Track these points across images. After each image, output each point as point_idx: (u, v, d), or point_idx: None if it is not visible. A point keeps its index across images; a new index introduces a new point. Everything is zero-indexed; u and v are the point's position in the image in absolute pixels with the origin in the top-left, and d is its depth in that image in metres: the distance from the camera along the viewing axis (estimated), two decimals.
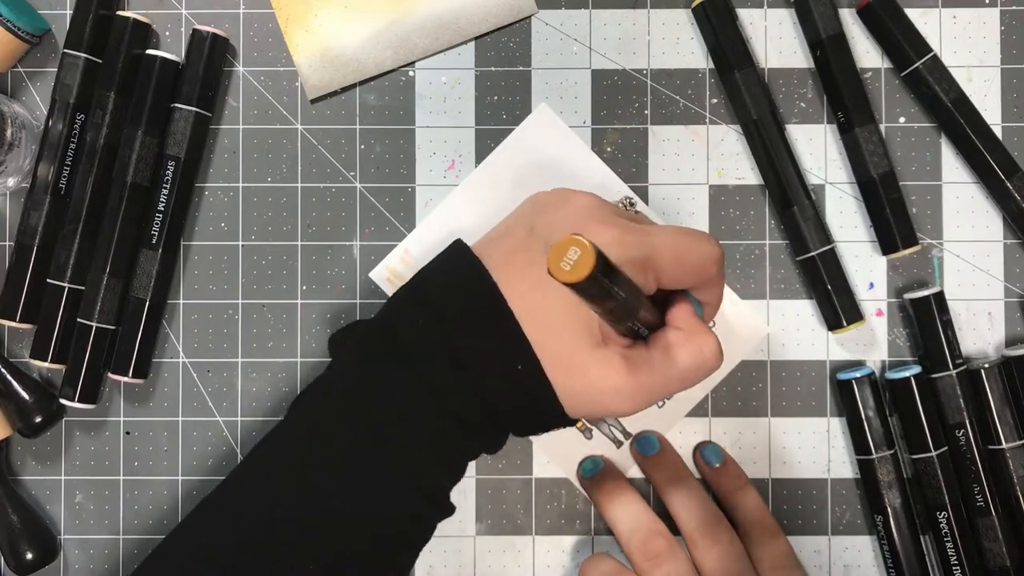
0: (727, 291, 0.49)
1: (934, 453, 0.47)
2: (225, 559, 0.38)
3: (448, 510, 0.41)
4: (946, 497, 0.47)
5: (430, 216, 0.49)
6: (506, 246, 0.40)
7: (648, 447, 0.49)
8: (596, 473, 0.48)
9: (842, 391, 0.48)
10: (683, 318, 0.40)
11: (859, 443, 0.48)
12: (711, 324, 0.48)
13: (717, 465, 0.48)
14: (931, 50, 0.48)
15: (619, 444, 0.50)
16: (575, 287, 0.30)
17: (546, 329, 0.38)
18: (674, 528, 0.47)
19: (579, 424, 0.49)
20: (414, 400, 0.39)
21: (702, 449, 0.49)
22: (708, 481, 0.49)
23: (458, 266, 0.41)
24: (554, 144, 0.49)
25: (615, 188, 0.49)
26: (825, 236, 0.48)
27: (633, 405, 0.39)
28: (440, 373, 0.39)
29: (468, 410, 0.39)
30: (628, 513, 0.47)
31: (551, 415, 0.40)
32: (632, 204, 0.46)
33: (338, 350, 0.42)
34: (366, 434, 0.39)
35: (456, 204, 0.49)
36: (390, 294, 0.48)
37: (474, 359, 0.38)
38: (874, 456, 0.47)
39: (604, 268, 0.30)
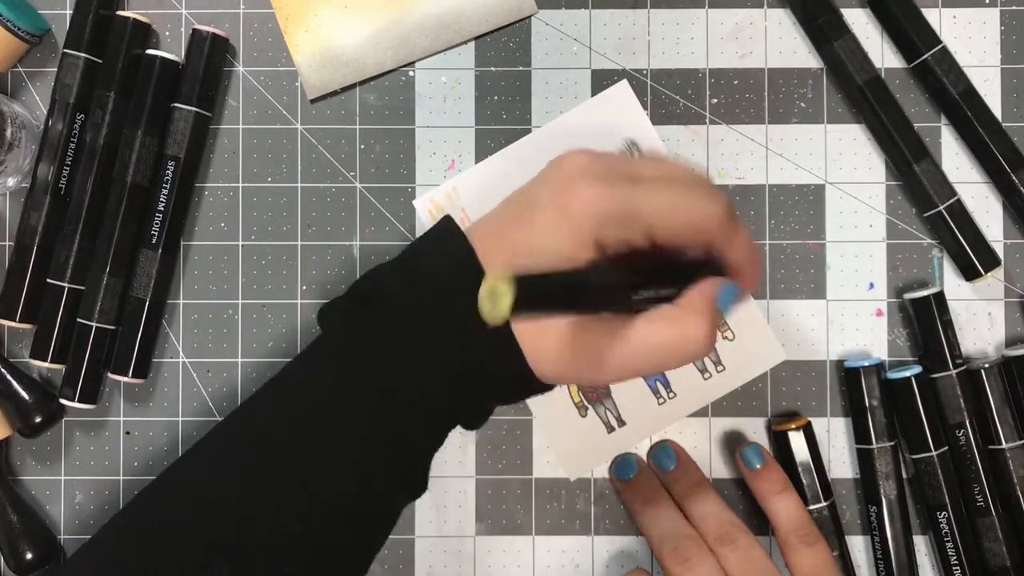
0: (755, 309, 0.49)
1: (934, 453, 0.47)
2: (200, 501, 0.38)
3: (423, 483, 0.41)
4: (946, 497, 0.47)
5: (484, 163, 0.49)
6: (500, 219, 0.40)
7: (666, 462, 0.48)
8: (628, 478, 0.48)
9: (848, 379, 0.48)
10: (688, 296, 0.37)
11: (860, 432, 0.48)
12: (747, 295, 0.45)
13: (758, 467, 0.48)
14: (940, 42, 0.48)
15: (611, 429, 0.49)
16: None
17: None
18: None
19: (576, 400, 0.49)
20: (398, 359, 0.38)
21: (743, 450, 0.48)
22: (747, 482, 0.48)
23: (442, 239, 0.40)
24: (623, 124, 0.49)
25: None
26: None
27: (603, 372, 0.37)
28: (424, 334, 0.38)
29: (454, 380, 0.38)
30: (660, 519, 0.47)
31: (520, 378, 0.39)
32: (635, 146, 0.45)
33: (322, 320, 0.42)
34: (349, 392, 0.39)
35: (510, 157, 0.49)
36: (428, 226, 0.48)
37: (457, 330, 0.38)
38: (874, 446, 0.47)
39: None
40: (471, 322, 0.36)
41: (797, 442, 0.48)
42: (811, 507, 0.48)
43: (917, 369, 0.48)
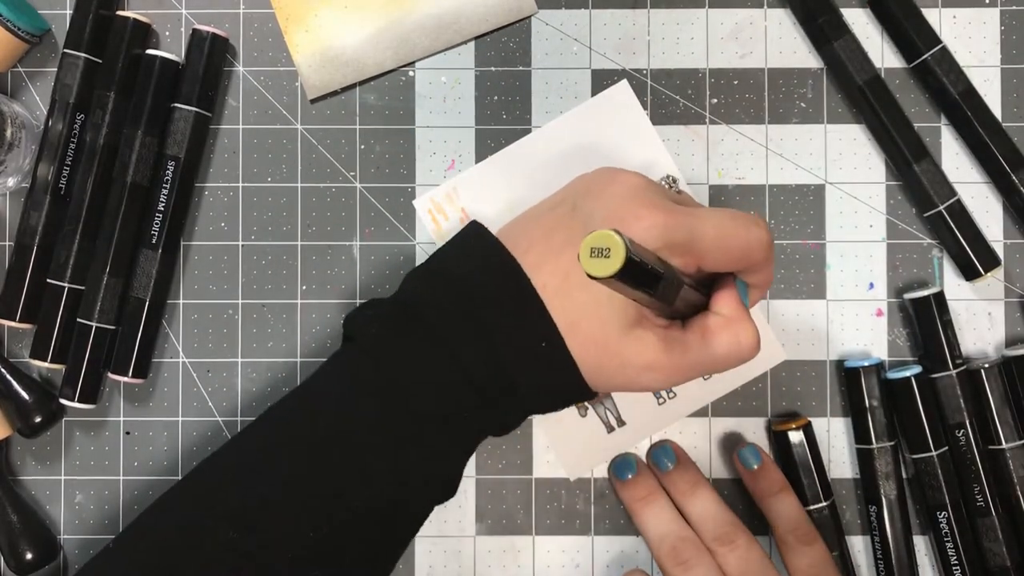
0: (755, 309, 0.49)
1: (934, 453, 0.47)
2: (235, 521, 0.38)
3: (453, 490, 0.41)
4: (946, 497, 0.47)
5: (484, 163, 0.49)
6: (543, 226, 0.40)
7: (664, 462, 0.48)
8: (626, 478, 0.48)
9: (848, 379, 0.48)
10: (726, 303, 0.39)
11: (860, 432, 0.48)
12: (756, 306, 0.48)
13: (755, 467, 0.48)
14: (940, 42, 0.48)
15: (611, 429, 0.49)
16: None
17: (580, 309, 0.38)
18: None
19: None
20: (435, 372, 0.39)
21: (740, 451, 0.48)
22: (745, 483, 0.48)
23: (478, 247, 0.41)
24: (623, 124, 0.49)
25: (663, 170, 0.50)
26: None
27: (666, 382, 0.40)
28: (463, 346, 0.38)
29: (489, 384, 0.39)
30: (659, 520, 0.47)
31: (573, 391, 0.40)
32: (675, 183, 0.46)
33: (355, 327, 0.41)
34: (384, 404, 0.39)
35: (511, 157, 0.49)
36: (428, 227, 0.49)
37: (496, 334, 0.38)
38: (874, 446, 0.47)
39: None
40: (522, 338, 0.38)
41: (797, 442, 0.48)
42: (811, 507, 0.48)
43: (917, 369, 0.48)
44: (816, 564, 0.45)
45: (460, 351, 0.38)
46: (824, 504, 0.48)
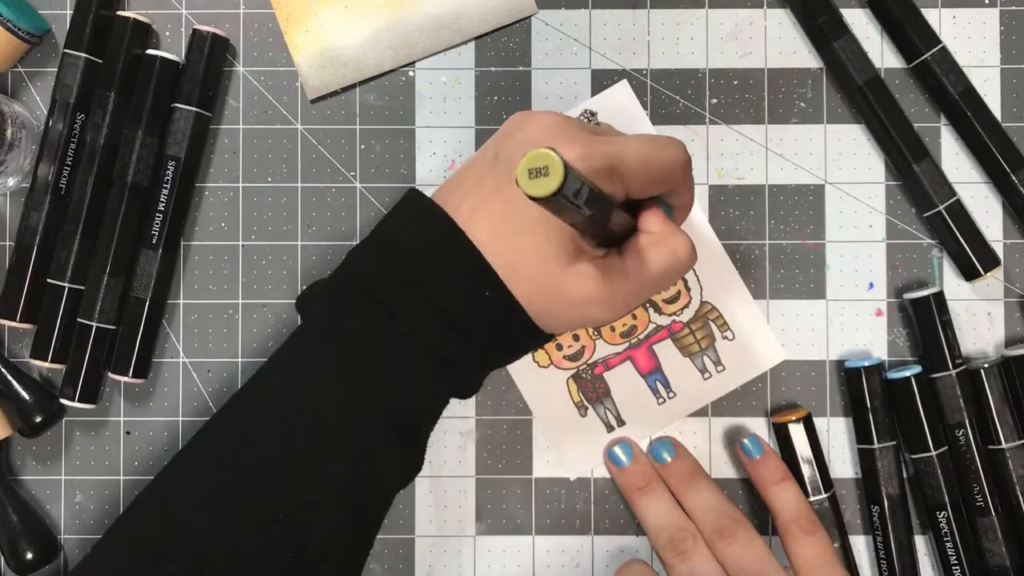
0: (755, 309, 0.49)
1: (934, 453, 0.47)
2: (202, 498, 0.38)
3: (420, 460, 0.42)
4: (946, 497, 0.47)
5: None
6: (469, 178, 0.41)
7: (662, 455, 0.48)
8: (624, 466, 0.48)
9: (849, 379, 0.48)
10: (654, 222, 0.40)
11: (862, 433, 0.48)
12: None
13: (757, 457, 0.48)
14: (940, 42, 0.48)
15: (611, 428, 0.49)
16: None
17: (518, 251, 0.39)
18: None
19: (576, 399, 0.49)
20: (388, 337, 0.39)
21: (742, 441, 0.48)
22: (748, 473, 0.48)
23: (414, 210, 0.41)
24: (623, 124, 0.49)
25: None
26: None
27: (612, 312, 0.40)
28: (410, 309, 0.39)
29: (443, 343, 0.39)
30: (657, 510, 0.47)
31: (525, 335, 0.40)
32: (594, 115, 0.46)
33: (306, 308, 0.43)
34: (343, 372, 0.39)
35: None
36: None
37: (441, 292, 0.39)
38: (876, 446, 0.47)
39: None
40: (465, 290, 0.39)
41: (797, 434, 0.48)
42: (812, 499, 0.48)
43: (917, 369, 0.48)
44: (818, 554, 0.45)
45: (408, 317, 0.39)
46: (824, 496, 0.48)
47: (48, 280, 0.48)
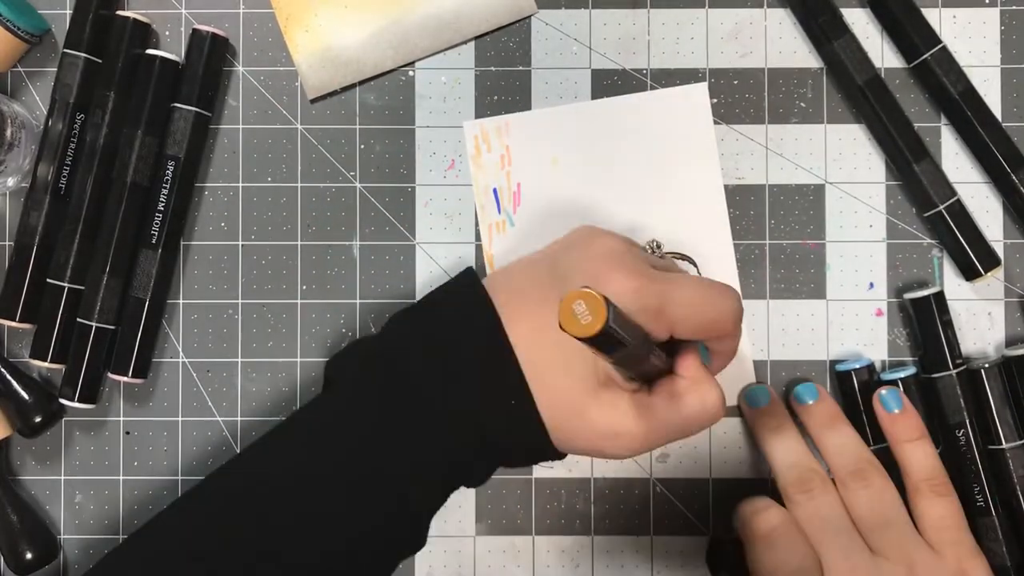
0: (747, 343, 0.49)
1: None
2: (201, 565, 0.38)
3: (422, 542, 0.42)
4: None
5: (541, 111, 0.49)
6: (523, 280, 0.41)
7: (804, 397, 0.48)
8: (760, 406, 0.48)
9: (841, 383, 0.48)
10: (690, 367, 0.40)
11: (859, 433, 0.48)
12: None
13: (896, 412, 0.47)
14: (940, 42, 0.48)
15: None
16: (585, 341, 0.30)
17: (548, 368, 0.39)
18: None
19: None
20: (409, 428, 0.39)
21: (881, 393, 0.47)
22: (883, 428, 0.47)
23: (466, 298, 0.41)
24: (687, 125, 0.49)
25: (706, 182, 0.49)
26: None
27: (629, 451, 0.40)
28: (437, 404, 0.39)
29: (460, 441, 0.39)
30: (787, 448, 0.46)
31: (541, 450, 0.40)
32: (659, 247, 0.46)
33: (336, 373, 0.42)
34: (356, 458, 0.39)
35: (568, 116, 0.49)
36: (469, 151, 0.49)
37: (472, 394, 0.39)
38: (871, 448, 0.47)
39: (614, 323, 0.30)
40: (493, 397, 0.39)
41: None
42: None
43: (911, 371, 0.48)
44: (948, 517, 0.44)
45: (434, 408, 0.39)
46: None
47: (48, 280, 0.48)
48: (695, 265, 0.49)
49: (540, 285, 0.40)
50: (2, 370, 0.49)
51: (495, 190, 0.49)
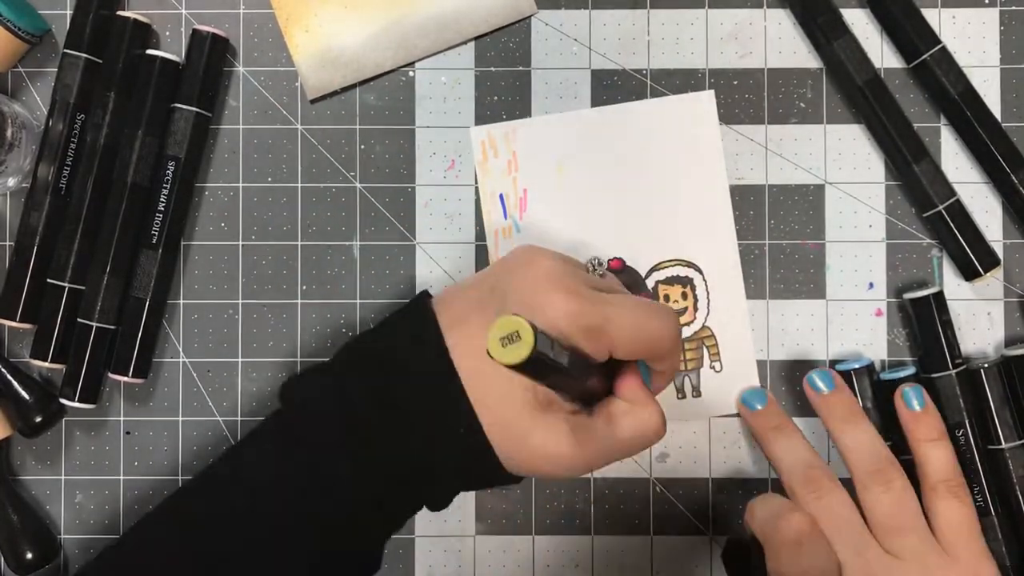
0: (752, 349, 0.49)
1: None
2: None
3: (376, 567, 0.42)
4: None
5: (548, 117, 0.50)
6: (465, 304, 0.40)
7: (819, 386, 0.47)
8: (757, 410, 0.48)
9: None
10: (630, 388, 0.40)
11: None
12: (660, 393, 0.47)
13: (917, 409, 0.46)
14: (940, 42, 0.48)
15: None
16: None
17: (490, 392, 0.39)
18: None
19: None
20: (355, 461, 0.39)
21: (904, 389, 0.46)
22: (904, 425, 0.46)
23: (415, 324, 0.41)
24: (694, 131, 0.49)
25: (712, 189, 0.49)
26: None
27: (571, 471, 0.39)
28: (384, 437, 0.39)
29: (407, 473, 0.39)
30: (791, 447, 0.46)
31: (493, 474, 0.40)
32: (600, 265, 0.46)
33: (287, 400, 0.42)
34: (302, 490, 0.39)
35: (575, 122, 0.49)
36: (476, 157, 0.49)
37: (417, 425, 0.39)
38: None
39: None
40: (441, 421, 0.39)
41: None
42: (889, 443, 0.47)
43: (911, 370, 0.48)
44: (964, 520, 0.44)
45: (380, 442, 0.39)
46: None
47: (48, 280, 0.48)
48: (642, 277, 0.49)
49: (481, 309, 0.40)
50: (2, 370, 0.49)
51: (501, 196, 0.49)
